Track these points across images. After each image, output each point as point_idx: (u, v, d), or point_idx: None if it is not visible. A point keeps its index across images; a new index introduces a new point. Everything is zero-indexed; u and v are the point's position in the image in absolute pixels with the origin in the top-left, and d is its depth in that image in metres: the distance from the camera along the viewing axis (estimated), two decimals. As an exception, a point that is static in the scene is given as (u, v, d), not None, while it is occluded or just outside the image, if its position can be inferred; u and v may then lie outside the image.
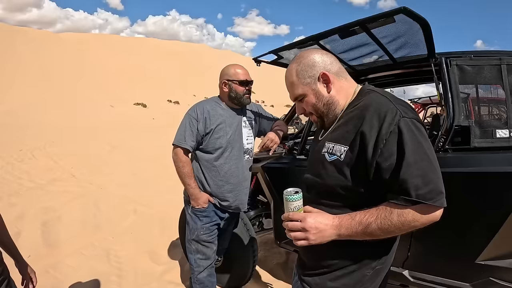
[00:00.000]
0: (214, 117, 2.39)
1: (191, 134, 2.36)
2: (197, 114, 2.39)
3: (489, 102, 2.48)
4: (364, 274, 1.24)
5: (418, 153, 1.08)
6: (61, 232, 4.47)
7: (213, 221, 2.51)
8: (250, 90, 2.43)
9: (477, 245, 1.97)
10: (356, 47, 2.25)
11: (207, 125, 2.37)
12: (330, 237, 1.17)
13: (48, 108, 30.06)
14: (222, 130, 2.40)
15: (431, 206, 1.09)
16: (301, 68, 1.27)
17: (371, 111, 1.15)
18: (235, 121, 2.47)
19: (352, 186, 1.18)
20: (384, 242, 1.22)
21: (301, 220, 1.20)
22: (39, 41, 63.16)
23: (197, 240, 2.52)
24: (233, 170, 2.45)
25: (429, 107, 12.13)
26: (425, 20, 1.74)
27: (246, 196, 2.61)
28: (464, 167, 2.02)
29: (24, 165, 8.61)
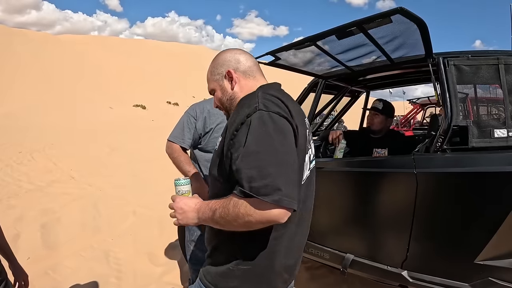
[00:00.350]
0: (214, 116, 2.40)
1: (188, 132, 2.37)
2: (197, 113, 2.40)
3: (487, 102, 2.48)
4: (229, 268, 1.24)
5: (262, 144, 1.06)
6: (60, 234, 4.46)
7: None
8: None
9: (476, 245, 1.97)
10: (353, 48, 2.25)
11: (206, 124, 2.38)
12: (192, 219, 1.24)
13: (47, 110, 30.04)
14: (222, 129, 2.40)
15: (264, 202, 1.02)
16: (213, 65, 1.41)
17: (238, 106, 1.26)
18: None
19: (222, 175, 1.23)
20: (252, 244, 1.21)
21: (174, 201, 1.31)
22: (38, 43, 63.10)
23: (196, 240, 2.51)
24: None
25: (428, 108, 12.15)
26: (422, 20, 1.74)
27: None
28: (462, 167, 2.01)
29: (23, 167, 8.60)
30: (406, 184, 2.18)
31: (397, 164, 2.28)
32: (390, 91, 11.90)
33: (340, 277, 3.33)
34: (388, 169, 2.32)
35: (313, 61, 2.61)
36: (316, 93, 2.93)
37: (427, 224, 2.18)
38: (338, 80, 3.18)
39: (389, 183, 2.33)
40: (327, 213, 2.75)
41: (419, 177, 2.09)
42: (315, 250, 2.76)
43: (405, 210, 2.19)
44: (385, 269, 2.33)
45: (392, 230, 2.34)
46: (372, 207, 2.43)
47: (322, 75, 2.94)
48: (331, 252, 2.65)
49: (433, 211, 2.13)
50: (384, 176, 2.33)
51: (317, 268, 3.58)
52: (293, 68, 2.74)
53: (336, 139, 3.02)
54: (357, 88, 3.73)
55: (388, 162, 2.43)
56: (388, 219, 2.35)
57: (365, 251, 2.48)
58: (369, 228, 2.47)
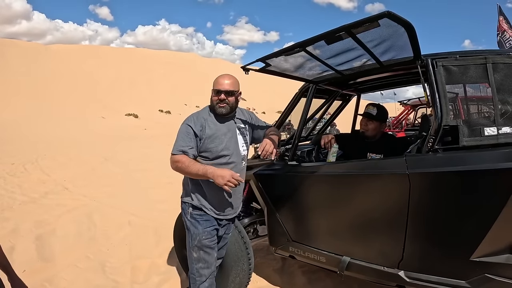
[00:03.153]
0: (209, 126, 2.43)
1: (189, 140, 2.38)
2: (194, 121, 2.43)
3: (477, 100, 2.52)
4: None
5: None
6: (55, 245, 4.43)
7: (213, 225, 2.51)
8: (222, 100, 2.41)
9: (471, 242, 1.99)
10: (343, 52, 2.26)
11: (202, 133, 2.40)
12: None
13: (39, 121, 29.84)
14: (217, 138, 2.43)
15: None
16: None
17: None
18: (230, 128, 2.50)
19: None
20: None
21: None
22: (29, 53, 62.82)
23: (200, 246, 2.48)
24: None
25: (419, 108, 12.25)
26: (409, 23, 1.76)
27: (239, 201, 2.65)
28: (454, 166, 2.04)
29: (16, 179, 8.53)
30: (399, 185, 2.20)
31: (389, 166, 2.31)
32: (381, 93, 11.96)
33: (337, 280, 3.34)
34: (381, 170, 2.34)
35: (303, 67, 2.62)
36: (308, 98, 2.95)
37: (422, 224, 2.20)
38: (329, 84, 3.20)
39: (382, 184, 2.35)
40: (322, 216, 2.77)
41: (411, 177, 2.12)
42: (311, 254, 2.77)
43: (399, 210, 2.21)
44: (382, 270, 2.34)
45: (387, 231, 2.36)
46: (367, 209, 2.44)
47: (312, 80, 2.96)
48: (327, 255, 2.66)
49: (427, 210, 2.15)
50: (377, 178, 2.35)
51: (313, 272, 3.58)
52: (284, 74, 2.75)
53: (328, 143, 3.04)
54: (348, 92, 3.76)
55: (380, 164, 2.45)
56: (383, 220, 2.37)
57: (361, 253, 2.49)
58: (364, 230, 2.49)
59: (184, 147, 2.38)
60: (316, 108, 3.87)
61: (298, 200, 2.87)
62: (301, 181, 2.82)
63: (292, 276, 3.59)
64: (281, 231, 2.95)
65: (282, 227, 2.94)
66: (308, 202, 2.82)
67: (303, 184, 2.83)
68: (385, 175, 2.30)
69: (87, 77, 59.04)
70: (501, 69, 2.10)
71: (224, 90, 2.40)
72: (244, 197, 3.51)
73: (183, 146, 2.38)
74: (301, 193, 2.85)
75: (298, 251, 2.87)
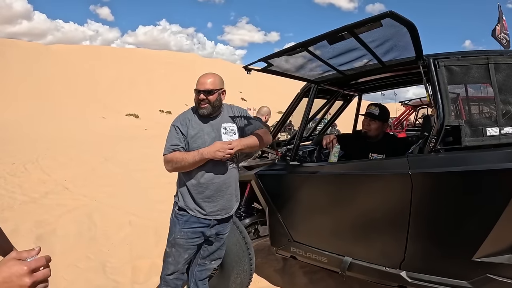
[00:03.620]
0: (192, 126, 2.43)
1: (178, 140, 2.40)
2: (180, 122, 2.44)
3: (478, 101, 2.52)
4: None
5: None
6: (56, 245, 4.42)
7: (194, 227, 2.48)
8: (202, 99, 2.39)
9: (473, 242, 1.99)
10: (345, 52, 2.26)
11: (187, 133, 2.41)
12: None
13: (39, 121, 29.85)
14: (200, 138, 2.41)
15: None
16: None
17: None
18: (214, 128, 2.46)
19: None
20: None
21: None
22: (30, 53, 62.86)
23: (173, 243, 2.52)
24: (213, 176, 2.42)
25: (420, 109, 12.24)
26: (412, 23, 1.76)
27: (230, 202, 2.56)
28: (456, 166, 2.03)
29: (16, 179, 8.52)
30: (401, 185, 2.20)
31: (391, 166, 2.30)
32: (382, 93, 11.94)
33: (339, 280, 3.34)
34: (383, 171, 2.34)
35: (305, 67, 2.62)
36: (309, 98, 2.94)
37: (424, 224, 2.20)
38: (330, 85, 3.19)
39: (385, 185, 2.34)
40: (323, 216, 2.76)
41: (413, 177, 2.11)
42: (313, 254, 2.76)
43: (401, 211, 2.21)
44: (384, 271, 2.34)
45: (389, 231, 2.36)
46: (368, 209, 2.44)
47: (314, 80, 2.95)
48: (329, 255, 2.66)
49: (429, 210, 2.15)
50: (379, 178, 2.35)
51: (315, 272, 3.58)
52: (286, 74, 2.75)
53: (330, 144, 3.03)
54: (350, 92, 3.75)
55: (382, 164, 2.45)
56: (385, 220, 2.37)
57: (363, 253, 2.49)
58: (366, 230, 2.48)
59: (173, 146, 2.39)
60: (318, 108, 3.87)
61: (299, 200, 2.87)
62: (303, 181, 2.82)
63: (293, 277, 3.58)
64: (283, 231, 2.94)
65: (284, 228, 2.93)
66: (309, 202, 2.82)
67: (304, 184, 2.83)
68: (387, 175, 2.30)
69: (87, 77, 59.09)
70: (503, 69, 2.09)
71: (203, 89, 2.38)
72: (245, 197, 3.51)
73: (173, 145, 2.40)
74: (302, 193, 2.85)
75: (299, 251, 2.87)
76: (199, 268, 2.68)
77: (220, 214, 2.51)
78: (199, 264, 2.68)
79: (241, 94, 73.94)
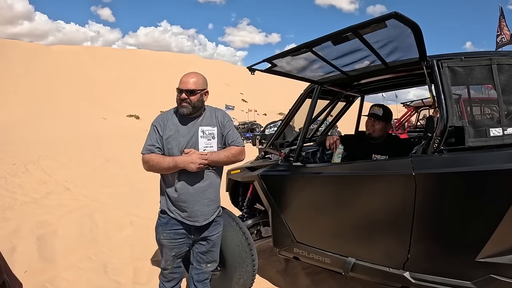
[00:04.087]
0: (169, 127, 2.41)
1: (155, 140, 2.40)
2: (159, 122, 2.45)
3: (481, 101, 2.52)
4: None
5: None
6: (57, 246, 4.42)
7: (174, 229, 2.48)
8: (183, 99, 2.36)
9: (477, 243, 1.99)
10: (349, 53, 2.27)
11: (163, 133, 2.40)
12: None
13: (40, 121, 29.87)
14: (174, 139, 2.39)
15: None
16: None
17: None
18: (191, 130, 2.42)
19: None
20: None
21: None
22: (31, 54, 62.96)
23: (159, 242, 2.57)
24: (187, 182, 2.41)
25: (421, 110, 12.25)
26: (416, 24, 1.77)
27: (208, 207, 2.50)
28: (460, 166, 2.03)
29: (17, 179, 8.54)
30: (405, 186, 2.20)
31: (395, 167, 2.30)
32: (383, 95, 12.00)
33: (342, 281, 3.34)
34: (387, 171, 2.34)
35: (309, 67, 2.63)
36: (312, 99, 2.94)
37: (427, 225, 2.19)
38: (333, 86, 3.20)
39: (388, 185, 2.34)
40: (327, 217, 2.76)
41: (417, 178, 2.11)
42: (316, 255, 2.76)
43: (405, 211, 2.21)
44: (387, 271, 2.34)
45: (392, 232, 2.36)
46: (372, 210, 2.44)
47: (318, 81, 2.96)
48: (332, 256, 2.65)
49: (433, 211, 2.15)
50: (383, 179, 2.35)
51: (317, 273, 3.57)
52: (289, 75, 2.76)
53: (334, 144, 3.03)
54: (352, 93, 3.76)
55: (386, 165, 2.45)
56: (389, 221, 2.37)
57: (367, 254, 2.48)
58: (369, 231, 2.48)
59: (151, 146, 2.39)
60: (320, 109, 3.87)
61: (303, 201, 2.87)
62: (306, 182, 2.82)
63: (296, 278, 3.58)
64: (286, 232, 2.94)
65: (287, 228, 2.93)
66: (313, 203, 2.82)
67: (308, 185, 2.83)
68: (390, 176, 2.30)
69: (88, 78, 59.16)
70: (506, 70, 2.10)
71: (185, 89, 2.35)
72: (248, 198, 3.51)
73: (150, 145, 2.40)
74: (306, 194, 2.85)
75: (302, 252, 2.86)
76: (195, 272, 2.69)
77: (198, 221, 2.46)
78: (195, 268, 2.69)
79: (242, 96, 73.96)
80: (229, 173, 3.76)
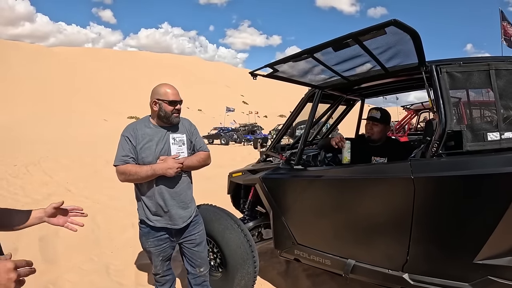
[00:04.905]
0: (141, 137, 2.46)
1: (128, 151, 2.43)
2: (130, 132, 2.48)
3: (479, 106, 2.55)
4: None
5: None
6: (59, 247, 4.46)
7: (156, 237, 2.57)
8: (179, 110, 2.51)
9: (475, 245, 2.01)
10: (349, 59, 2.30)
11: (137, 144, 2.45)
12: None
13: (41, 123, 29.89)
14: (148, 148, 2.44)
15: None
16: None
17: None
18: (163, 138, 2.51)
19: None
20: None
21: None
22: (32, 55, 63.05)
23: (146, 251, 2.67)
24: (164, 187, 2.48)
25: (422, 113, 12.28)
26: (415, 31, 1.80)
27: (185, 210, 2.60)
28: (458, 170, 2.07)
29: (19, 181, 8.58)
30: (404, 189, 2.23)
31: (394, 170, 2.33)
32: (384, 98, 12.00)
33: (342, 283, 3.37)
34: (386, 175, 2.37)
35: (310, 72, 2.66)
36: (313, 103, 2.98)
37: (426, 227, 2.22)
38: (334, 90, 3.24)
39: (387, 189, 2.37)
40: (327, 219, 2.79)
41: (416, 181, 2.14)
42: (316, 257, 2.79)
43: (404, 214, 2.24)
44: (387, 273, 2.36)
45: (392, 234, 2.39)
46: (372, 213, 2.47)
47: (319, 85, 2.99)
48: (332, 258, 2.68)
49: (431, 214, 2.18)
50: (382, 182, 2.38)
51: (318, 275, 3.60)
52: (291, 80, 2.79)
53: (340, 142, 3.07)
54: (352, 97, 3.79)
55: (385, 168, 2.48)
56: (388, 223, 2.40)
57: (366, 256, 2.51)
58: (369, 233, 2.51)
59: (125, 157, 2.43)
60: (321, 113, 3.90)
61: (303, 203, 2.90)
62: (307, 185, 2.85)
63: (296, 279, 3.61)
64: (287, 234, 2.97)
65: (288, 230, 2.96)
66: (313, 205, 2.85)
67: (308, 188, 2.86)
68: (390, 179, 2.33)
69: (89, 80, 59.22)
70: (503, 75, 2.12)
71: (179, 100, 2.50)
72: (249, 201, 3.54)
73: (124, 156, 2.43)
74: (306, 196, 2.88)
75: (303, 254, 2.89)
76: (191, 276, 2.75)
77: (177, 224, 2.56)
78: (190, 273, 2.75)
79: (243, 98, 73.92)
80: (230, 176, 3.79)
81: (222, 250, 3.03)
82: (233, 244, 2.98)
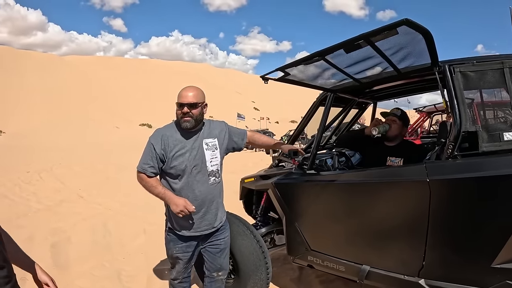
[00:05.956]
0: (173, 144, 2.40)
1: (151, 159, 2.38)
2: (157, 139, 2.41)
3: (494, 105, 2.49)
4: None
5: None
6: (70, 253, 4.48)
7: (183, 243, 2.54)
8: (186, 113, 2.37)
9: (492, 249, 1.96)
10: (361, 61, 2.27)
11: (166, 151, 2.38)
12: None
13: (53, 130, 30.35)
14: (181, 156, 2.39)
15: None
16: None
17: None
18: (196, 144, 2.44)
19: None
20: None
21: None
22: (44, 64, 64.18)
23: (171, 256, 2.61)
24: (195, 196, 2.44)
25: (434, 115, 12.12)
26: (427, 30, 1.77)
27: (216, 216, 2.57)
28: (474, 172, 2.01)
29: (31, 187, 8.68)
30: (419, 193, 2.18)
31: (409, 173, 2.29)
32: (395, 101, 11.87)
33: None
34: (401, 178, 2.33)
35: (321, 76, 2.63)
36: (326, 106, 2.95)
37: (442, 231, 2.17)
38: (346, 93, 3.20)
39: (402, 192, 2.33)
40: (341, 225, 2.75)
41: (432, 184, 2.10)
42: (330, 263, 2.74)
43: (420, 218, 2.19)
44: (402, 279, 2.31)
45: (407, 239, 2.34)
46: (386, 217, 2.42)
47: (330, 88, 2.96)
48: (346, 264, 2.64)
49: (448, 217, 2.13)
50: (397, 186, 2.34)
51: (331, 281, 3.55)
52: (302, 83, 2.77)
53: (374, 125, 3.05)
54: (364, 100, 3.75)
55: (400, 171, 2.44)
56: (403, 228, 2.35)
57: (381, 262, 2.46)
58: (384, 238, 2.46)
59: (145, 165, 2.39)
60: (333, 116, 3.86)
61: (317, 209, 2.87)
62: (320, 189, 2.82)
63: (310, 286, 3.56)
64: (300, 240, 2.93)
65: (301, 236, 2.92)
66: (327, 210, 2.81)
67: (322, 193, 2.82)
68: (405, 182, 2.29)
69: (101, 88, 60.02)
70: None
71: (187, 103, 2.35)
72: (262, 206, 3.51)
73: (145, 164, 2.39)
74: (320, 201, 2.85)
75: (316, 260, 2.85)
76: (208, 280, 2.73)
77: (207, 230, 2.54)
78: (207, 276, 2.73)
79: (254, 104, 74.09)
80: (242, 182, 3.77)
81: (235, 257, 3.00)
82: (245, 251, 2.95)
